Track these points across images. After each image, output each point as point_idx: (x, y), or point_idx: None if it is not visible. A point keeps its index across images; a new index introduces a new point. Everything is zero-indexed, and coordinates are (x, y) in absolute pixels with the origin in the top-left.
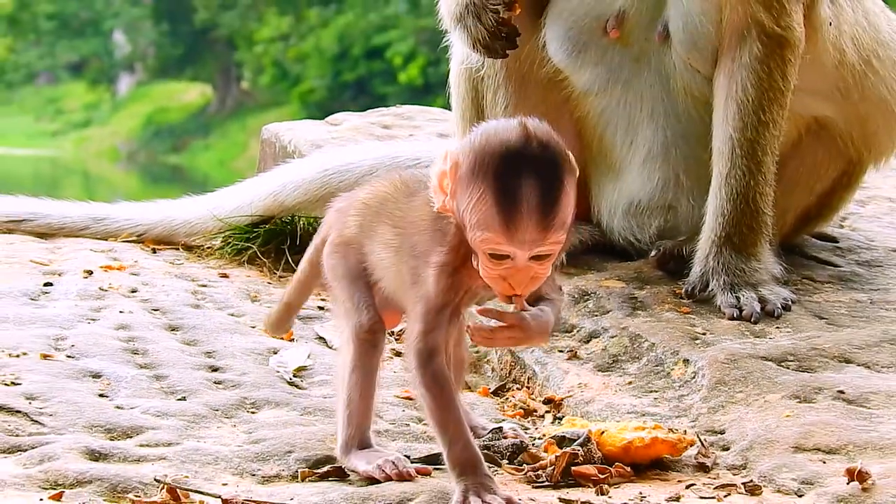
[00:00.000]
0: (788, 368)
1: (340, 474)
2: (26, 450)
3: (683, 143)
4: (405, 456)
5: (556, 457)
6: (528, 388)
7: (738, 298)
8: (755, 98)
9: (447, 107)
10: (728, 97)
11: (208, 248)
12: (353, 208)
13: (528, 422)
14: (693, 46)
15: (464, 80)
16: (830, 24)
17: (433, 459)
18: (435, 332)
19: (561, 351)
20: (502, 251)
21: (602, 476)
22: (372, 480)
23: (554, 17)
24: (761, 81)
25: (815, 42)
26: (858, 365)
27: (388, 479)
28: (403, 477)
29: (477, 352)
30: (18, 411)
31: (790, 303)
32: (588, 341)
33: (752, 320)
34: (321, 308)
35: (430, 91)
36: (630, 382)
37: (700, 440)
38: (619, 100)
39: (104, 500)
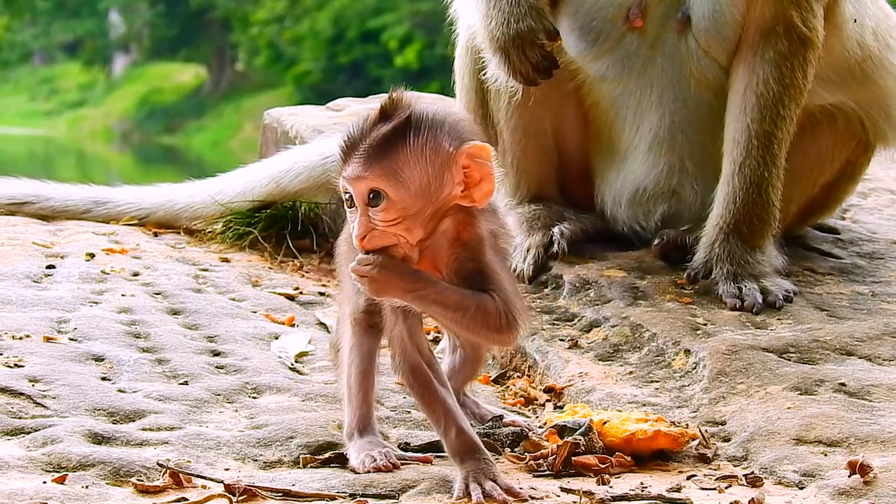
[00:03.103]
0: (790, 360)
1: (342, 460)
2: (29, 432)
3: (689, 129)
4: (405, 444)
5: (558, 446)
6: (528, 376)
7: (740, 289)
8: (776, 92)
9: (442, 91)
10: (747, 88)
11: (209, 232)
12: None
13: (529, 410)
14: (717, 35)
15: (468, 63)
16: (855, 21)
17: (434, 447)
18: (397, 328)
19: (562, 340)
20: (341, 186)
21: (603, 466)
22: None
23: (574, 7)
24: (783, 77)
25: (840, 40)
26: (860, 357)
27: (376, 471)
28: (388, 469)
29: None
30: (22, 394)
31: (792, 294)
32: (589, 330)
33: (753, 311)
34: (322, 294)
35: (426, 75)
36: (631, 372)
37: (701, 431)
38: (631, 86)
39: (107, 484)
